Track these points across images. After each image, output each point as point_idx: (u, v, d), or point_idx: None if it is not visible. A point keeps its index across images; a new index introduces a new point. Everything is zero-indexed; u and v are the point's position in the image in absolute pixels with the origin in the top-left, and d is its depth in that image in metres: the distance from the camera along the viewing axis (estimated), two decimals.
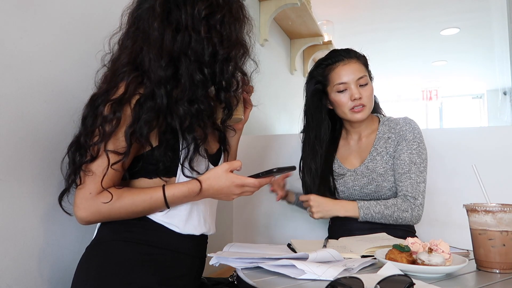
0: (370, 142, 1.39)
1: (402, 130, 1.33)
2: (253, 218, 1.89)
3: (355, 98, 1.30)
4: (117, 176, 0.87)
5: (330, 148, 1.43)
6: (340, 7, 3.45)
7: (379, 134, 1.37)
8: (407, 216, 1.26)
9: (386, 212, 1.25)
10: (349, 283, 0.65)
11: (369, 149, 1.37)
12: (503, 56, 3.08)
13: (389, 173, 1.32)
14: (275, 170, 0.88)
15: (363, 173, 1.34)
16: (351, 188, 1.35)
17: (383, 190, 1.31)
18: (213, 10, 0.89)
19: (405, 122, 1.35)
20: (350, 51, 1.38)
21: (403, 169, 1.29)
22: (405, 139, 1.31)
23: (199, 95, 0.88)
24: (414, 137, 1.31)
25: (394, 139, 1.34)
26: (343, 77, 1.32)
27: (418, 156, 1.30)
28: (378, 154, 1.35)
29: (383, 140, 1.36)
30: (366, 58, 1.40)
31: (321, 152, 1.39)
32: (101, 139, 0.84)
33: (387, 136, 1.36)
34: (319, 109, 1.39)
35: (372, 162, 1.34)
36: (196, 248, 0.98)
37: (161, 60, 0.86)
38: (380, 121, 1.41)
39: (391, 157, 1.33)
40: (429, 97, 6.66)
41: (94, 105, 0.87)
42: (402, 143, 1.32)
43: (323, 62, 1.38)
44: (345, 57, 1.35)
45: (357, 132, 1.42)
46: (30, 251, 0.93)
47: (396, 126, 1.35)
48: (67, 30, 1.03)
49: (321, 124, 1.39)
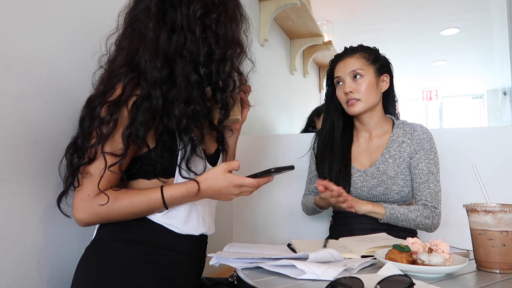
0: (383, 143, 1.38)
1: (420, 138, 1.33)
2: (253, 218, 1.89)
3: (346, 92, 1.34)
4: (115, 178, 0.87)
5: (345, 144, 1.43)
6: (340, 7, 3.45)
7: (393, 137, 1.37)
8: (428, 223, 1.28)
9: (410, 215, 1.26)
10: (349, 283, 0.65)
11: (381, 150, 1.37)
12: (503, 56, 3.08)
13: (400, 176, 1.31)
14: (273, 170, 0.88)
15: (373, 174, 1.33)
16: (359, 189, 1.34)
17: (391, 193, 1.31)
18: (208, 10, 0.89)
19: (423, 130, 1.35)
20: (352, 48, 1.40)
21: (421, 178, 1.30)
22: (423, 148, 1.32)
23: (195, 96, 0.88)
24: (431, 147, 1.33)
25: (410, 144, 1.33)
26: (338, 71, 1.38)
27: (435, 166, 1.32)
28: (391, 157, 1.34)
29: (397, 144, 1.35)
30: (374, 52, 1.39)
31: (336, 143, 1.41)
32: (98, 141, 0.84)
33: (401, 140, 1.35)
34: (331, 104, 1.45)
35: (384, 164, 1.34)
36: (195, 248, 0.98)
37: (156, 61, 0.85)
38: (394, 123, 1.40)
39: (404, 161, 1.33)
40: (429, 97, 6.66)
41: (91, 106, 0.87)
42: (420, 152, 1.32)
43: (331, 60, 1.45)
44: (346, 54, 1.39)
45: (367, 130, 1.41)
46: (29, 251, 0.93)
47: (413, 132, 1.35)
48: (67, 30, 1.03)
49: (333, 116, 1.44)
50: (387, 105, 1.44)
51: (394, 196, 1.31)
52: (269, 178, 0.92)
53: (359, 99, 1.33)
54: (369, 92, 1.34)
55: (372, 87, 1.34)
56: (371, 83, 1.34)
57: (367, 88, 1.34)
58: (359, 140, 1.43)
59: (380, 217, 1.26)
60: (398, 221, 1.26)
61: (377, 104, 1.38)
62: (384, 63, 1.39)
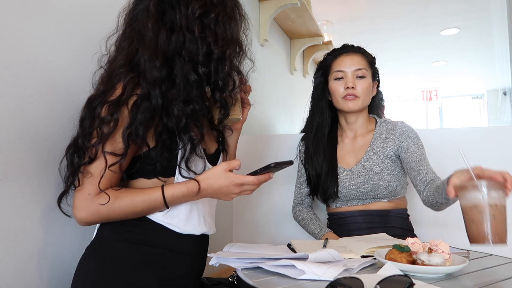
0: (367, 141, 1.40)
1: (402, 130, 1.36)
2: (253, 218, 1.89)
3: (348, 86, 1.34)
4: (115, 177, 0.87)
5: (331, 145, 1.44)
6: (340, 7, 3.45)
7: (376, 134, 1.39)
8: None
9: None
10: (349, 283, 0.65)
11: (365, 148, 1.39)
12: (503, 56, 3.08)
13: (385, 172, 1.33)
14: (272, 165, 0.88)
15: (359, 172, 1.35)
16: (347, 188, 1.35)
17: (379, 189, 1.32)
18: (207, 10, 0.89)
19: (404, 125, 1.38)
20: (357, 47, 1.42)
21: (417, 157, 1.28)
22: (409, 137, 1.33)
23: (194, 95, 0.88)
24: (416, 136, 1.34)
25: (393, 138, 1.36)
26: (342, 65, 1.38)
27: (424, 150, 1.31)
28: (375, 154, 1.36)
29: (380, 140, 1.37)
30: (373, 57, 1.43)
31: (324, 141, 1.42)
32: (99, 141, 0.84)
33: (385, 136, 1.38)
34: (321, 98, 1.44)
35: (369, 162, 1.35)
36: (196, 248, 0.98)
37: (155, 60, 0.86)
38: (377, 122, 1.43)
39: (388, 156, 1.34)
40: (429, 97, 6.66)
41: (91, 106, 0.87)
42: (406, 140, 1.33)
43: (330, 53, 1.45)
44: (350, 50, 1.40)
45: (352, 130, 1.43)
46: (29, 251, 0.93)
47: (394, 127, 1.38)
48: (67, 30, 1.03)
49: (323, 111, 1.44)
50: (372, 108, 1.48)
51: (382, 192, 1.32)
52: (269, 175, 0.92)
53: (359, 96, 1.35)
54: (367, 93, 1.38)
55: (369, 89, 1.39)
56: (369, 85, 1.38)
57: (367, 89, 1.37)
58: (343, 140, 1.45)
59: None
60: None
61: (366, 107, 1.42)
62: (376, 70, 1.45)
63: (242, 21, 0.97)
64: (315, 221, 1.41)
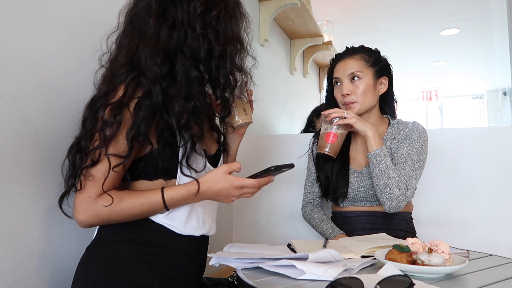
0: None
1: (408, 130, 1.34)
2: (253, 218, 1.89)
3: (343, 94, 1.34)
4: (118, 178, 0.87)
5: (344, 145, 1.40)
6: (340, 7, 3.45)
7: (386, 136, 1.37)
8: (394, 194, 1.20)
9: (390, 172, 1.21)
10: (349, 283, 0.65)
11: None
12: (503, 56, 3.08)
13: None
14: (272, 168, 0.87)
15: (369, 174, 1.34)
16: (356, 190, 1.35)
17: None
18: (208, 7, 0.89)
19: (414, 125, 1.35)
20: (352, 49, 1.40)
21: (398, 160, 1.27)
22: (410, 138, 1.31)
23: (195, 92, 0.88)
24: (419, 138, 1.31)
25: (400, 139, 1.34)
26: (337, 72, 1.38)
27: (417, 155, 1.28)
28: None
29: (389, 142, 1.36)
30: (375, 55, 1.39)
31: None
32: (102, 144, 0.83)
33: (394, 137, 1.36)
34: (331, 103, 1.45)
35: None
36: (196, 248, 0.98)
37: (157, 57, 0.86)
38: (390, 123, 1.41)
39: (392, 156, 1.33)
40: (429, 97, 6.66)
41: (93, 108, 0.87)
42: (405, 141, 1.31)
43: (332, 60, 1.45)
44: (345, 55, 1.39)
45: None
46: (30, 251, 0.93)
47: (404, 128, 1.35)
48: (68, 30, 1.03)
49: None
50: (385, 107, 1.44)
51: None
52: (269, 179, 0.91)
53: (356, 101, 1.33)
54: (366, 94, 1.34)
55: (369, 89, 1.34)
56: (368, 85, 1.34)
57: (364, 90, 1.33)
58: (356, 141, 1.43)
59: (371, 149, 1.24)
60: (377, 166, 1.22)
61: (374, 106, 1.38)
62: (384, 66, 1.39)
63: (243, 19, 0.97)
64: (327, 222, 1.40)
